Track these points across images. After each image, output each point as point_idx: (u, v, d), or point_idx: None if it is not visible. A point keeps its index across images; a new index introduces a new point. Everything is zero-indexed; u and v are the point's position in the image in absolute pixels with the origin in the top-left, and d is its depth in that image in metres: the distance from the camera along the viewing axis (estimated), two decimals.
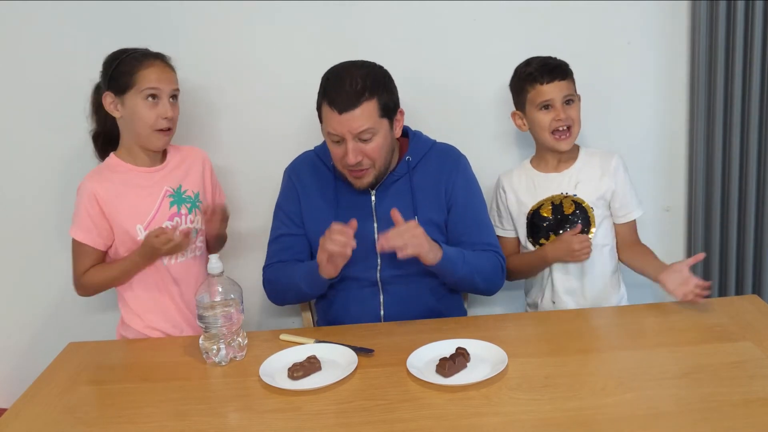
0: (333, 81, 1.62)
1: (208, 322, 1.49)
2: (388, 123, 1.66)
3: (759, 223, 2.12)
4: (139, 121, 1.71)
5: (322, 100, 1.63)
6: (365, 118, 1.59)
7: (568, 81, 1.81)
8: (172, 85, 1.75)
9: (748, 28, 1.99)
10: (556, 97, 1.79)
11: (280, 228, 1.81)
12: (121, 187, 1.75)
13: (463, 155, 1.82)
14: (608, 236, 1.86)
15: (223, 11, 2.05)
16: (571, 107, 1.80)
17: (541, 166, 1.91)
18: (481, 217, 1.79)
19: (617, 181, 1.84)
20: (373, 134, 1.62)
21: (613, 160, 1.85)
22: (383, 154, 1.67)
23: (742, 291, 2.18)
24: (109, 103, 1.73)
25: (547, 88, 1.78)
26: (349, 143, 1.61)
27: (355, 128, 1.59)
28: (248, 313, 1.79)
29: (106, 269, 1.78)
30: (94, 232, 1.75)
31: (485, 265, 1.72)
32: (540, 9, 2.05)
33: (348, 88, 1.59)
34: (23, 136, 2.14)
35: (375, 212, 1.75)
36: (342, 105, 1.58)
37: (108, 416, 1.35)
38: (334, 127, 1.61)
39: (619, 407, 1.25)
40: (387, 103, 1.64)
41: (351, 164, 1.63)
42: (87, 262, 1.77)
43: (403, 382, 1.39)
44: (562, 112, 1.79)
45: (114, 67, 1.71)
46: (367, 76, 1.61)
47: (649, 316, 1.62)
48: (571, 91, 1.82)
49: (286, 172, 1.85)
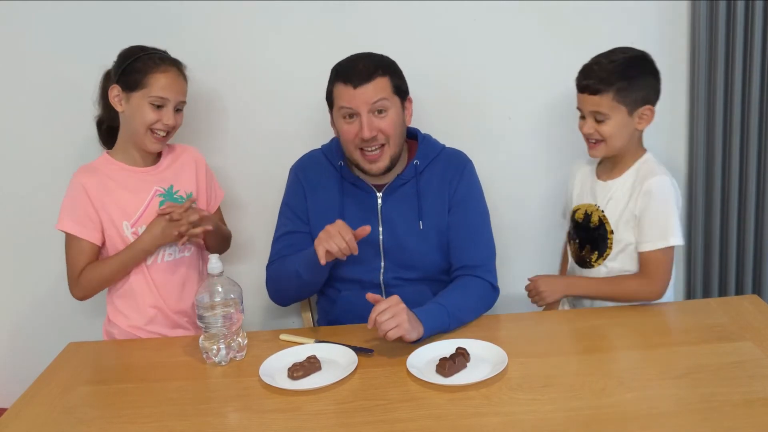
0: (345, 64, 1.67)
1: (208, 322, 1.49)
2: (400, 103, 1.68)
3: (759, 223, 2.12)
4: (139, 120, 1.71)
5: (335, 81, 1.66)
6: (380, 90, 1.63)
7: (602, 97, 1.64)
8: (180, 97, 1.75)
9: (748, 28, 1.99)
10: (584, 109, 1.71)
11: (286, 225, 1.80)
12: (110, 183, 1.75)
13: (470, 161, 1.81)
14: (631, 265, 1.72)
15: (226, 11, 2.05)
16: (601, 124, 1.67)
17: (600, 167, 1.81)
18: (478, 229, 1.77)
19: (643, 206, 1.67)
20: (387, 108, 1.64)
21: (647, 182, 1.67)
22: (397, 133, 1.68)
23: (742, 291, 2.17)
24: (113, 96, 1.73)
25: (580, 97, 1.71)
26: (364, 116, 1.62)
27: (370, 99, 1.62)
28: (249, 314, 1.78)
29: (105, 264, 1.75)
30: (89, 225, 1.73)
31: (473, 304, 1.66)
32: (540, 9, 2.05)
33: (361, 66, 1.64)
34: (23, 136, 2.14)
35: (380, 214, 1.74)
36: (357, 80, 1.62)
37: (108, 416, 1.35)
38: (348, 100, 1.63)
39: (619, 407, 1.25)
40: (399, 84, 1.68)
41: (366, 138, 1.63)
42: (83, 259, 1.74)
43: (403, 382, 1.39)
44: (585, 126, 1.70)
45: (129, 62, 1.71)
46: (380, 59, 1.67)
47: (649, 316, 1.62)
48: (603, 108, 1.65)
49: (292, 170, 1.85)
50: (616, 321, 1.61)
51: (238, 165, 2.15)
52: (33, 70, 2.09)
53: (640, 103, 1.66)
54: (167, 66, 1.72)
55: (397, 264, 1.73)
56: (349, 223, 1.63)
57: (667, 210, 1.65)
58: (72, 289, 1.78)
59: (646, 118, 1.69)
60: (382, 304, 1.47)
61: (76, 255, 1.75)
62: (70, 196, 1.75)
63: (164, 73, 1.71)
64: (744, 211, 2.12)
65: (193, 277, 1.85)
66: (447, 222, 1.74)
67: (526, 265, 2.20)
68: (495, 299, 1.74)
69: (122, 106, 1.73)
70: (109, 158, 1.79)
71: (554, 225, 2.12)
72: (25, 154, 2.15)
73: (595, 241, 1.75)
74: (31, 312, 2.27)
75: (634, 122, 1.68)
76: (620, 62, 1.65)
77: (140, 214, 1.76)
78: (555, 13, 2.06)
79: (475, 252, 1.74)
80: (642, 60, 1.68)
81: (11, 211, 2.19)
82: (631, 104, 1.66)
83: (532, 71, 2.10)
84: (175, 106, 1.74)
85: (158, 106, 1.71)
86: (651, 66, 1.69)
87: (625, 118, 1.66)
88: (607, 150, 1.71)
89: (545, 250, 2.18)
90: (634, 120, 1.68)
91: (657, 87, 1.70)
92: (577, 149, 1.87)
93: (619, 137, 1.68)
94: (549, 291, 1.74)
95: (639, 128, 1.70)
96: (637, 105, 1.66)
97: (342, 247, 1.50)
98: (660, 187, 1.66)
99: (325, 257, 1.52)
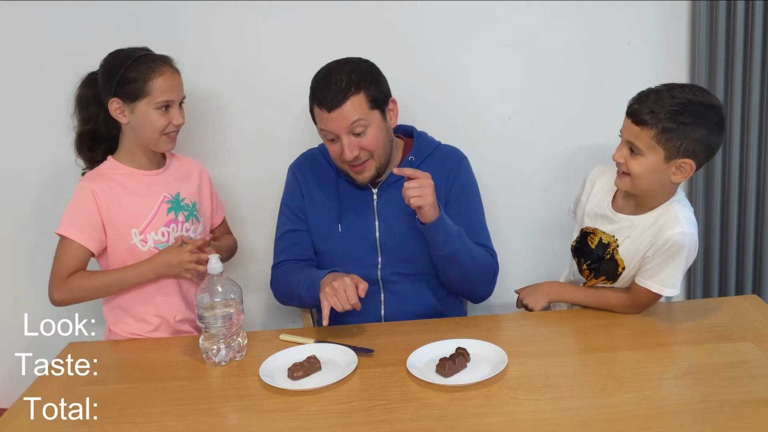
0: (319, 82, 1.65)
1: (208, 322, 1.49)
2: (380, 114, 1.66)
3: (759, 223, 2.12)
4: (149, 127, 1.70)
5: (312, 103, 1.66)
6: (354, 111, 1.61)
7: (643, 130, 1.50)
8: (181, 93, 1.75)
9: (748, 28, 1.99)
10: (623, 135, 1.56)
11: (286, 224, 1.81)
12: (118, 189, 1.74)
13: (465, 157, 1.82)
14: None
15: (221, 12, 2.04)
16: (633, 158, 1.53)
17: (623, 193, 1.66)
18: (477, 221, 1.78)
19: (656, 249, 1.57)
20: (366, 126, 1.63)
21: (668, 234, 1.54)
22: (381, 145, 1.67)
23: (742, 291, 2.17)
24: (115, 109, 1.71)
25: (625, 121, 1.55)
26: (344, 139, 1.62)
27: (346, 123, 1.61)
28: (249, 314, 1.78)
29: (104, 275, 1.73)
30: (89, 231, 1.71)
31: (480, 256, 1.71)
32: (540, 9, 2.05)
33: (334, 86, 1.61)
34: (22, 136, 2.14)
35: (377, 210, 1.75)
36: (330, 103, 1.60)
37: (108, 416, 1.35)
38: (326, 125, 1.63)
39: (619, 407, 1.25)
40: (375, 95, 1.65)
41: (349, 159, 1.64)
42: (73, 263, 1.71)
43: (403, 382, 1.39)
44: (617, 153, 1.56)
45: (122, 73, 1.68)
46: (351, 72, 1.62)
47: (649, 316, 1.62)
48: (639, 143, 1.50)
49: (290, 169, 1.86)
50: (616, 321, 1.61)
51: (237, 165, 2.14)
52: (32, 70, 2.09)
53: (682, 154, 1.49)
54: (162, 67, 1.70)
55: (395, 260, 1.73)
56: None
57: (676, 261, 1.55)
58: (54, 292, 1.72)
59: (684, 172, 1.52)
60: (414, 182, 1.56)
61: (68, 258, 1.71)
62: (76, 202, 1.73)
63: (162, 76, 1.69)
64: (744, 211, 2.12)
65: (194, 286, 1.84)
66: None
67: (525, 264, 2.21)
68: (494, 273, 1.76)
69: (126, 118, 1.71)
70: (115, 162, 1.78)
71: (554, 225, 2.12)
72: (23, 155, 2.14)
73: (604, 272, 1.68)
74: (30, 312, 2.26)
75: (669, 171, 1.52)
76: (680, 102, 1.48)
77: (149, 221, 1.75)
78: (555, 12, 2.05)
79: (480, 237, 1.75)
80: (706, 109, 1.50)
81: (9, 213, 2.19)
82: (671, 150, 1.49)
83: (532, 71, 2.10)
84: (179, 103, 1.74)
85: (165, 108, 1.70)
86: (714, 119, 1.51)
87: (660, 162, 1.51)
88: (632, 187, 1.57)
89: (544, 249, 2.17)
90: (670, 169, 1.52)
91: (711, 144, 1.52)
92: (576, 148, 1.87)
93: (646, 180, 1.54)
94: (533, 302, 1.74)
95: (674, 180, 1.54)
96: (678, 155, 1.50)
97: (346, 307, 1.52)
98: (677, 241, 1.53)
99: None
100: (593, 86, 2.04)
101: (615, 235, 1.64)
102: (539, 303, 1.74)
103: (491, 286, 1.76)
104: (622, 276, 1.65)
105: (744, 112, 2.06)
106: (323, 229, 1.76)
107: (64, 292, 1.71)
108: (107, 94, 1.71)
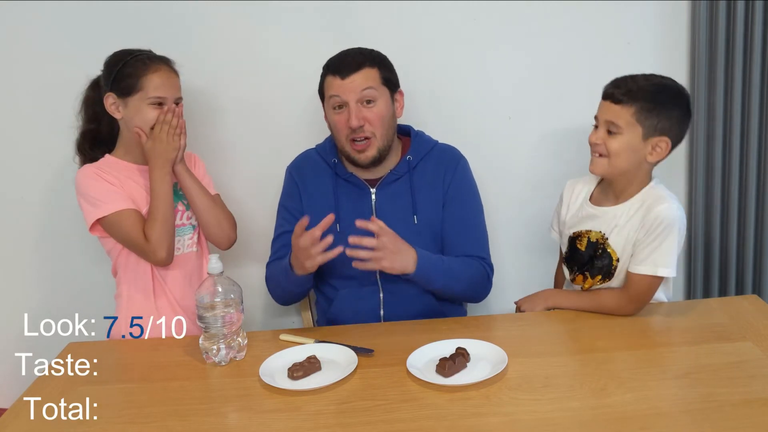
0: (335, 58, 1.70)
1: (208, 322, 1.49)
2: (389, 94, 1.70)
3: (759, 223, 2.12)
4: (141, 122, 1.71)
5: (325, 75, 1.70)
6: (367, 79, 1.66)
7: (623, 108, 1.56)
8: (176, 93, 1.75)
9: (748, 28, 1.99)
10: (601, 117, 1.61)
11: (283, 225, 1.81)
12: (118, 180, 1.75)
13: (463, 157, 1.82)
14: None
15: (222, 11, 2.05)
16: (612, 137, 1.58)
17: (600, 193, 1.71)
18: (473, 223, 1.78)
19: (646, 230, 1.58)
20: (375, 98, 1.66)
21: (655, 209, 1.57)
22: (385, 124, 1.69)
23: (742, 291, 2.17)
24: (110, 104, 1.73)
25: (602, 105, 1.61)
26: (352, 105, 1.65)
27: (358, 87, 1.65)
28: (249, 313, 1.78)
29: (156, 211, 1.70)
30: (121, 196, 1.70)
31: (469, 275, 1.71)
32: (540, 9, 2.05)
33: (349, 58, 1.67)
34: (22, 137, 2.14)
35: (375, 210, 1.75)
36: (345, 71, 1.65)
37: (108, 416, 1.35)
38: (337, 90, 1.66)
39: (619, 407, 1.25)
40: (388, 77, 1.70)
41: (354, 127, 1.65)
42: (139, 226, 1.69)
43: (403, 382, 1.39)
44: (595, 134, 1.61)
45: (118, 68, 1.70)
46: (369, 52, 1.70)
47: (649, 316, 1.62)
48: (619, 120, 1.56)
49: (287, 170, 1.86)
50: (616, 321, 1.61)
51: (236, 164, 2.15)
52: (33, 70, 2.09)
53: (659, 132, 1.56)
54: (157, 65, 1.72)
55: None
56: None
57: (669, 240, 1.57)
58: (152, 257, 1.71)
59: (660, 151, 1.58)
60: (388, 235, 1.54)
61: (130, 226, 1.69)
62: (88, 186, 1.72)
63: (156, 73, 1.71)
64: (744, 211, 2.12)
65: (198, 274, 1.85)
66: (441, 217, 1.76)
67: (524, 264, 2.21)
68: (487, 286, 1.76)
69: (120, 113, 1.73)
70: (112, 158, 1.79)
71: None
72: (23, 155, 2.15)
73: (597, 269, 1.67)
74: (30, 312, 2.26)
75: (646, 150, 1.58)
76: (656, 84, 1.58)
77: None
78: (555, 12, 2.05)
79: (471, 244, 1.76)
80: (678, 94, 1.60)
81: (10, 211, 2.19)
82: (649, 128, 1.56)
83: (532, 71, 2.11)
84: (173, 103, 1.74)
85: (158, 105, 1.71)
86: (685, 104, 1.60)
87: (638, 140, 1.57)
88: (608, 169, 1.61)
89: (543, 249, 2.17)
90: (647, 147, 1.58)
91: (682, 126, 1.60)
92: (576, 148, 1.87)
93: (624, 158, 1.58)
94: (530, 308, 1.74)
95: (649, 160, 1.59)
96: (654, 132, 1.56)
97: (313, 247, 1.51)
98: (667, 216, 1.56)
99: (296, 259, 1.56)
100: (593, 86, 2.03)
101: (602, 230, 1.66)
102: (536, 309, 1.74)
103: (486, 291, 1.77)
104: (617, 270, 1.64)
105: (744, 112, 2.06)
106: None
107: (159, 249, 1.69)
108: (105, 89, 1.73)
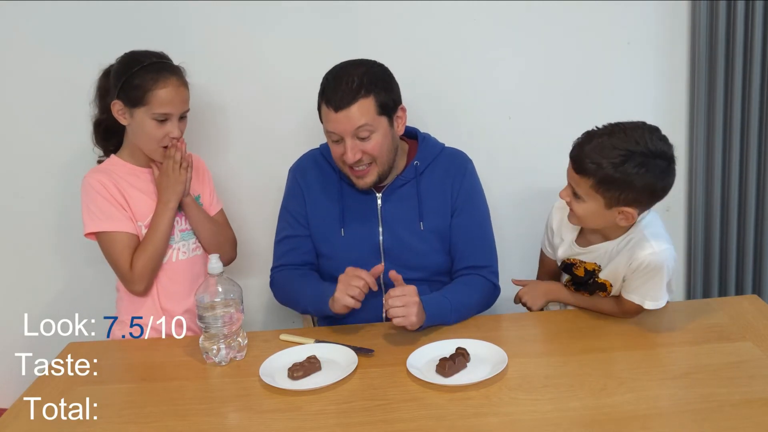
0: (331, 81, 1.62)
1: (208, 322, 1.49)
2: (387, 121, 1.64)
3: (759, 223, 2.12)
4: (145, 136, 1.71)
5: (321, 100, 1.63)
6: (361, 115, 1.59)
7: (582, 178, 1.48)
8: (183, 107, 1.73)
9: (748, 28, 1.99)
10: (567, 177, 1.55)
11: (286, 229, 1.80)
12: (123, 184, 1.74)
13: (470, 161, 1.81)
14: None
15: (224, 12, 2.05)
16: (577, 201, 1.53)
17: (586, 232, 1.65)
18: (481, 231, 1.77)
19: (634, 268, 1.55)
20: (371, 132, 1.61)
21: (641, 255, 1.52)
22: (384, 152, 1.66)
23: (742, 291, 2.17)
24: (117, 111, 1.71)
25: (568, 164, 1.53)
26: (348, 141, 1.61)
27: (352, 126, 1.59)
28: (249, 314, 1.78)
29: (147, 243, 1.70)
30: (120, 216, 1.70)
31: (475, 302, 1.69)
32: (540, 9, 2.05)
33: (344, 86, 1.58)
34: (22, 137, 2.14)
35: (381, 215, 1.74)
36: (338, 103, 1.58)
37: (108, 416, 1.35)
38: (332, 125, 1.61)
39: (619, 407, 1.25)
40: (385, 101, 1.62)
41: (350, 162, 1.62)
42: (127, 253, 1.69)
43: (403, 382, 1.39)
44: (563, 191, 1.56)
45: (126, 78, 1.68)
46: (364, 75, 1.60)
47: (649, 316, 1.61)
48: (579, 190, 1.50)
49: (291, 171, 1.84)
50: (615, 321, 1.61)
51: (238, 164, 2.14)
52: (33, 70, 2.09)
53: (623, 203, 1.47)
54: (166, 79, 1.68)
55: (398, 265, 1.72)
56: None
57: (656, 279, 1.54)
58: (130, 286, 1.73)
59: (630, 217, 1.50)
60: (398, 290, 1.53)
61: (119, 251, 1.70)
62: (89, 196, 1.72)
63: (164, 88, 1.67)
64: (744, 211, 2.12)
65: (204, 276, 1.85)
66: (449, 223, 1.74)
67: (525, 264, 2.20)
68: (496, 297, 1.76)
69: (127, 120, 1.72)
70: (117, 160, 1.78)
71: None
72: (24, 155, 2.15)
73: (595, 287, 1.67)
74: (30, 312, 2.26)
75: (613, 216, 1.51)
76: (621, 153, 1.43)
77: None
78: (555, 13, 2.05)
79: (480, 254, 1.75)
80: (650, 158, 1.44)
81: (11, 211, 2.19)
82: (611, 199, 1.47)
83: (532, 71, 2.11)
84: (178, 117, 1.72)
85: (162, 120, 1.70)
86: (660, 166, 1.45)
87: (601, 209, 1.50)
88: (583, 225, 1.60)
89: None
90: (613, 214, 1.50)
91: (658, 189, 1.48)
92: None
93: (592, 222, 1.56)
94: (531, 300, 1.74)
95: (619, 224, 1.53)
96: (618, 203, 1.48)
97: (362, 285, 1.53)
98: (651, 261, 1.52)
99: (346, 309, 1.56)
100: (593, 86, 2.04)
101: (598, 263, 1.64)
102: (537, 302, 1.74)
103: (494, 299, 1.77)
104: (612, 292, 1.65)
105: (744, 112, 2.06)
106: (326, 232, 1.75)
107: (138, 282, 1.71)
108: (112, 94, 1.72)
